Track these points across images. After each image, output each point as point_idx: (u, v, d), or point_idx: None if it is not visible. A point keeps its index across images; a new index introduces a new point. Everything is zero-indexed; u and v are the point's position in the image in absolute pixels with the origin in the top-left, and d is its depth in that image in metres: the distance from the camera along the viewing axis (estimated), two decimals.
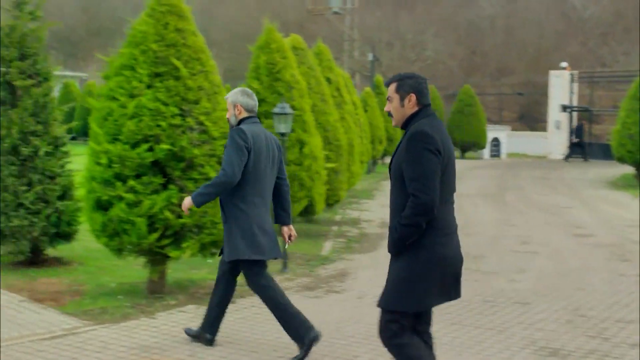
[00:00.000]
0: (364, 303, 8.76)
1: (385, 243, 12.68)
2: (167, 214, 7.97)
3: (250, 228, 6.44)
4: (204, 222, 8.14)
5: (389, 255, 4.90)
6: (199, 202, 6.49)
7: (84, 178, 8.48)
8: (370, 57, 38.88)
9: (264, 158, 6.52)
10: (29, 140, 9.89)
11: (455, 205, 4.94)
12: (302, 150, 10.88)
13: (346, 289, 9.53)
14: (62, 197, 10.12)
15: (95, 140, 8.30)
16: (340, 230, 14.38)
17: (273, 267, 10.40)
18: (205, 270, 10.14)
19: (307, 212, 11.82)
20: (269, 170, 6.61)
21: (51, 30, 10.78)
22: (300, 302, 8.63)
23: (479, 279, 10.03)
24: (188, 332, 7.05)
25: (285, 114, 9.81)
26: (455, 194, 4.92)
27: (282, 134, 9.98)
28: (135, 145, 8.04)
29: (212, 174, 8.12)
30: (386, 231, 5.17)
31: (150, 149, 8.05)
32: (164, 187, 8.09)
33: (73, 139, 40.78)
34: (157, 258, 8.42)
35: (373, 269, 10.59)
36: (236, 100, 6.64)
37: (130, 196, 7.97)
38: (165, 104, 8.06)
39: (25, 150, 9.82)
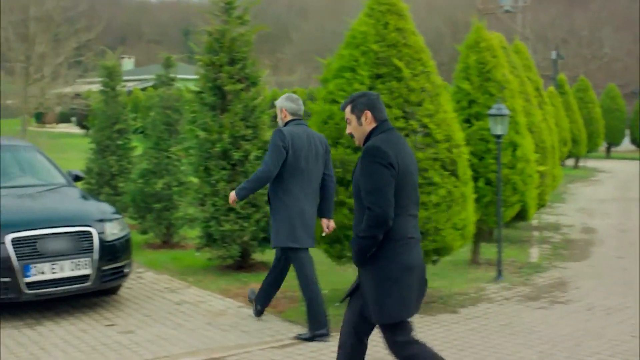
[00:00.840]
0: (595, 315, 8.20)
1: (593, 250, 12.12)
2: None
3: (290, 219, 7.20)
4: (427, 229, 7.80)
5: (605, 264, 4.56)
6: (241, 195, 7.34)
7: None
8: (553, 55, 37.57)
9: (304, 155, 7.22)
10: (239, 144, 9.84)
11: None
12: (515, 152, 10.37)
13: (571, 299, 8.94)
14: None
15: None
16: (542, 235, 13.72)
17: (487, 275, 10.01)
18: None
19: (519, 217, 11.26)
20: (311, 165, 7.29)
21: None
22: (526, 313, 8.22)
23: None
24: (251, 296, 8.17)
25: (502, 115, 9.36)
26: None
27: (498, 136, 9.53)
28: (357, 149, 7.79)
29: (436, 179, 7.81)
30: (591, 237, 4.85)
31: None
32: None
33: None
34: None
35: (593, 279, 9.92)
36: (282, 105, 7.47)
37: (353, 202, 7.72)
38: (388, 106, 7.75)
39: (235, 155, 9.77)
